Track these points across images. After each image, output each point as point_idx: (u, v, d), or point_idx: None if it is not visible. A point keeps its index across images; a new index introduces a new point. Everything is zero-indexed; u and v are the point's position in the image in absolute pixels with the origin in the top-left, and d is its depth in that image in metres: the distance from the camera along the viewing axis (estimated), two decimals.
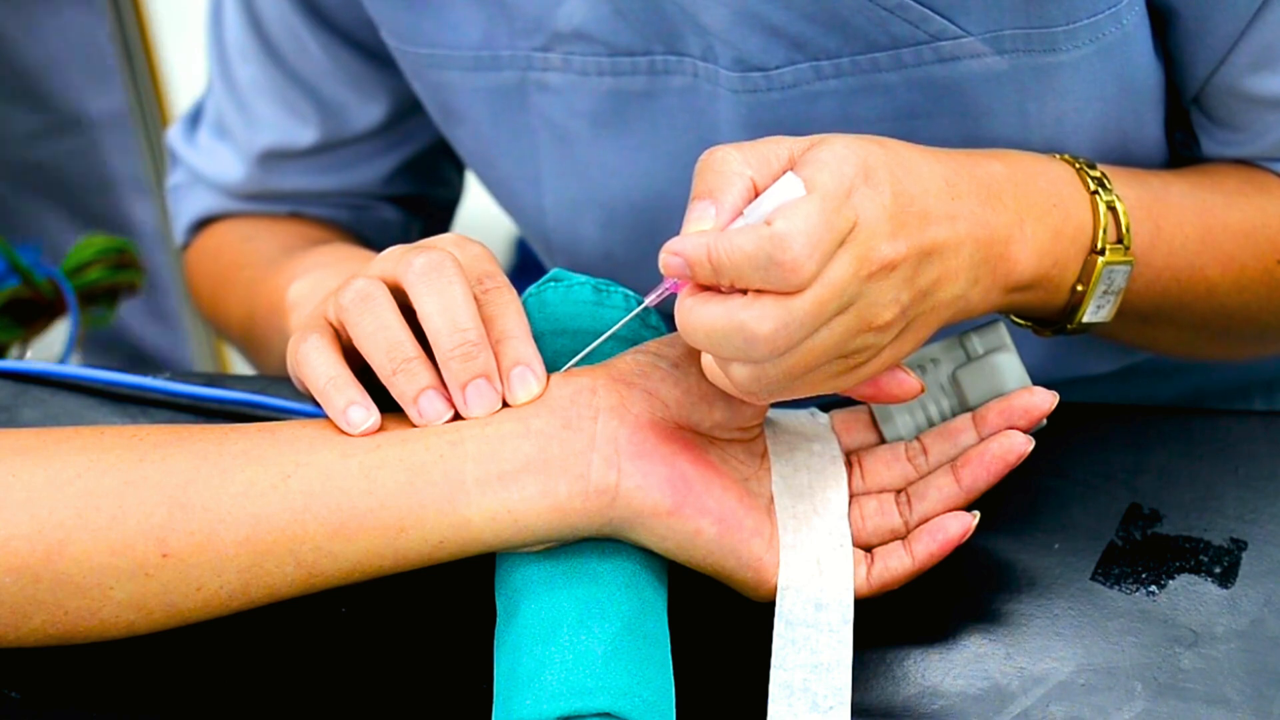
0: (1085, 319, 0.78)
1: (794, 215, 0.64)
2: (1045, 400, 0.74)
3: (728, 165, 0.68)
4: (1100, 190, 0.78)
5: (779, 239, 0.64)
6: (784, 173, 0.67)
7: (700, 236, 0.65)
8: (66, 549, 0.67)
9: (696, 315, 0.66)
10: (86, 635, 0.69)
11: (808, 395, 0.69)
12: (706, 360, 0.69)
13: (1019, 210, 0.74)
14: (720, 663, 0.72)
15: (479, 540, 0.69)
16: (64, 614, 0.68)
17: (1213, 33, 0.82)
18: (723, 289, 0.66)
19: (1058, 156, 0.80)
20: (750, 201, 0.67)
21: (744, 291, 0.65)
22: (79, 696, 0.73)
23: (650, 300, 0.71)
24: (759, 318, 0.64)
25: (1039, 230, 0.75)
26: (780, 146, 0.68)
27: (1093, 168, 0.79)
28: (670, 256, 0.66)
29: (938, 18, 0.81)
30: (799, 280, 0.64)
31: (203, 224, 1.10)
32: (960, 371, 0.77)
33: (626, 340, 0.75)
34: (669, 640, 0.70)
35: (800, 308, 0.64)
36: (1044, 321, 0.79)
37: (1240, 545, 0.77)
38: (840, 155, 0.67)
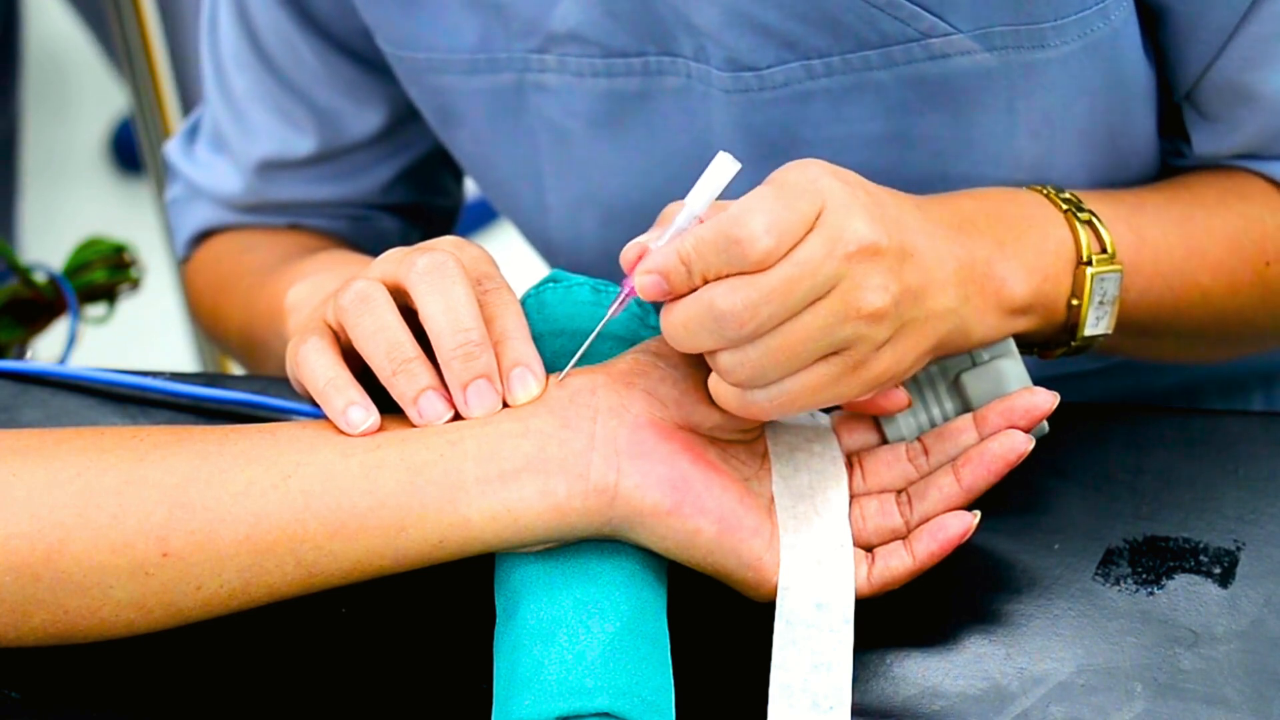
0: (1086, 332, 0.78)
1: (751, 199, 0.67)
2: (1046, 400, 0.74)
3: (676, 208, 0.71)
4: (1073, 209, 0.79)
5: (733, 218, 0.66)
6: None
7: (666, 246, 0.67)
8: (67, 548, 0.67)
9: (674, 312, 0.68)
10: (86, 634, 0.69)
11: (812, 403, 0.69)
12: (712, 379, 0.69)
13: (995, 234, 0.75)
14: (720, 663, 0.72)
15: (478, 540, 0.69)
16: (64, 613, 0.68)
17: (1206, 28, 0.83)
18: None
19: (1025, 188, 0.81)
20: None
21: None
22: (79, 696, 0.73)
23: (613, 309, 0.72)
24: (725, 293, 0.66)
25: (1020, 249, 0.76)
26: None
27: (1061, 191, 0.80)
28: (644, 277, 0.68)
29: (927, 15, 0.81)
30: (758, 255, 0.65)
31: (202, 237, 1.10)
32: (964, 375, 0.77)
33: (626, 340, 0.75)
34: (669, 640, 0.70)
35: (766, 283, 0.66)
36: (1048, 344, 0.80)
37: (1240, 546, 0.77)
38: (806, 161, 0.69)
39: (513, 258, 0.99)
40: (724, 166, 0.69)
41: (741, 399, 0.69)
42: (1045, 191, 0.80)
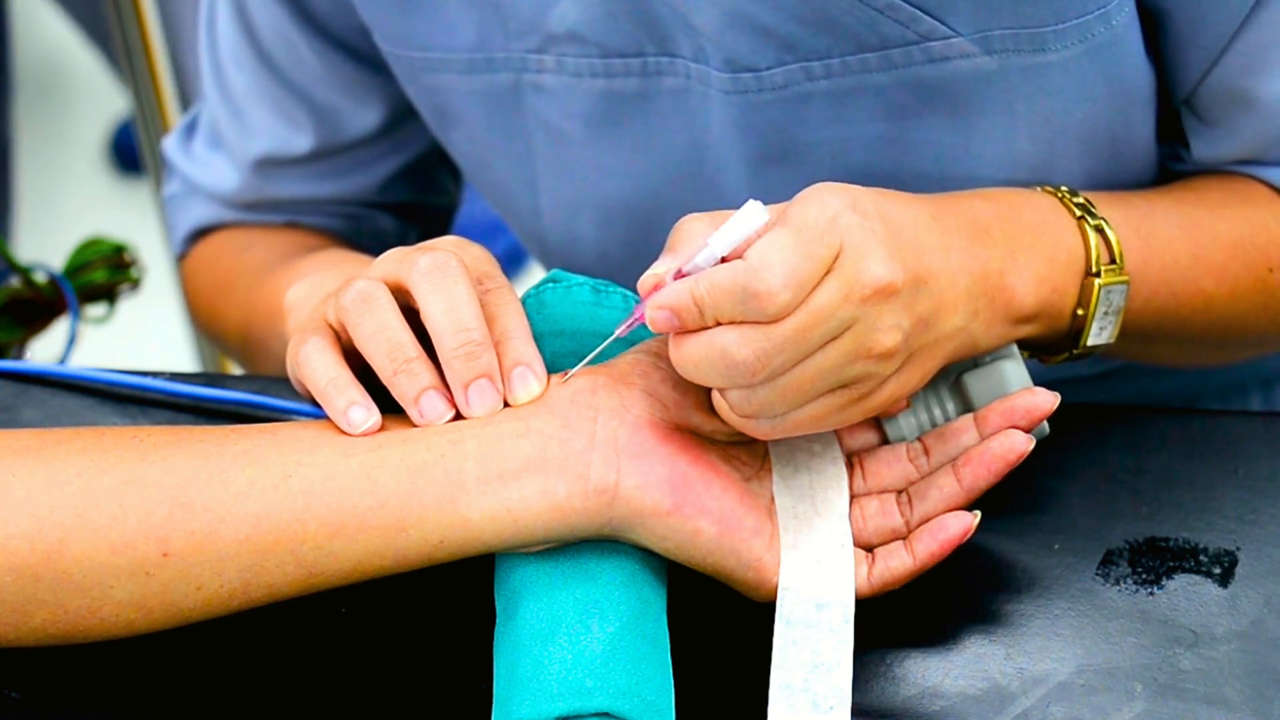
0: (1090, 342, 0.78)
1: (768, 247, 0.66)
2: (1047, 400, 0.74)
3: (692, 227, 0.70)
4: (1086, 215, 0.79)
5: (753, 270, 0.65)
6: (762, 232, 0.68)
7: (680, 283, 0.67)
8: (67, 548, 0.67)
9: (685, 348, 0.67)
10: (87, 634, 0.69)
11: (815, 429, 0.70)
12: (716, 398, 0.69)
13: (1008, 243, 0.75)
14: (720, 663, 0.72)
15: (478, 540, 0.69)
16: (64, 613, 0.68)
17: (1205, 34, 0.83)
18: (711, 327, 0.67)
19: (1039, 188, 0.81)
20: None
21: None
22: (79, 696, 0.73)
23: (620, 331, 0.72)
24: (738, 343, 0.66)
25: (1032, 259, 0.75)
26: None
27: (1075, 194, 0.80)
28: (656, 311, 0.67)
29: (927, 18, 0.81)
30: (775, 309, 0.65)
31: (199, 234, 1.10)
32: (966, 376, 0.77)
33: (627, 340, 0.75)
34: (669, 640, 0.70)
35: (780, 334, 0.66)
36: (1050, 349, 0.80)
37: (1240, 546, 0.77)
38: (823, 191, 0.68)
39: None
40: (753, 215, 0.67)
41: (745, 423, 0.69)
42: (1060, 194, 0.80)
